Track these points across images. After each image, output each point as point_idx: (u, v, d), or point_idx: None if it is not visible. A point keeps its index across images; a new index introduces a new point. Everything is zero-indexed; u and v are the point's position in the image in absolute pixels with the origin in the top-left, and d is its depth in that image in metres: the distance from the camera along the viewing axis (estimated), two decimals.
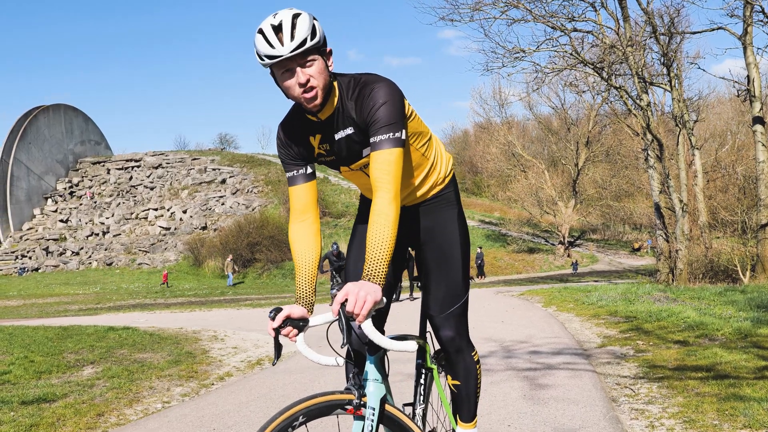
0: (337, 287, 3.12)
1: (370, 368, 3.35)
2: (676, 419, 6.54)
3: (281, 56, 3.29)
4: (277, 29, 3.29)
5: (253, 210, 68.86)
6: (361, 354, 3.45)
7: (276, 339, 3.29)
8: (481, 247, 56.58)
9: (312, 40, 3.31)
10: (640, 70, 27.82)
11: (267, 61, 3.31)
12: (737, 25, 26.97)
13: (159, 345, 13.65)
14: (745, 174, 39.27)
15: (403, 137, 3.40)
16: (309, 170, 3.71)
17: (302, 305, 3.41)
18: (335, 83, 3.55)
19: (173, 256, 65.92)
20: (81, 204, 79.31)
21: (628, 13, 27.91)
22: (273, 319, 3.24)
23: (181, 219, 73.19)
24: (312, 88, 3.38)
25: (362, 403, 3.24)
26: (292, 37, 3.27)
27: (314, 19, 3.37)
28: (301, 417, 3.14)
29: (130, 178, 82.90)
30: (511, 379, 8.90)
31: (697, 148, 31.09)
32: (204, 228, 69.19)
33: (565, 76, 38.44)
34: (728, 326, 11.89)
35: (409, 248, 4.22)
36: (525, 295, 25.48)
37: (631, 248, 73.67)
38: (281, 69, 3.37)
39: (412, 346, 3.17)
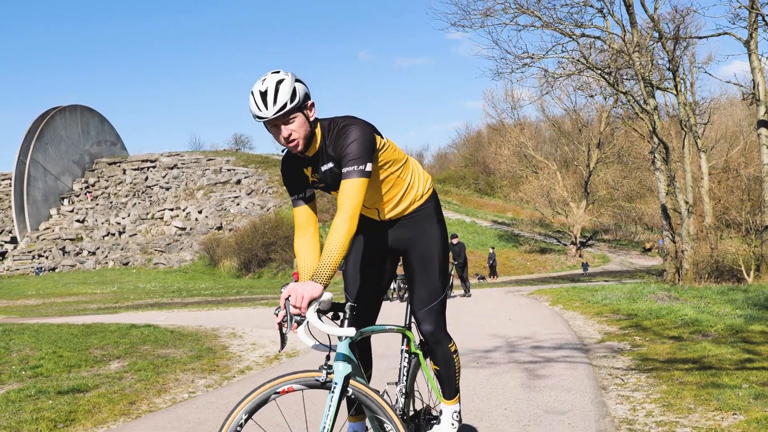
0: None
1: (340, 351, 4.04)
2: (656, 404, 7.21)
3: (266, 118, 4.09)
4: (264, 95, 4.07)
5: (267, 210, 69.38)
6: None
7: (280, 331, 3.99)
8: (493, 247, 56.92)
9: (292, 102, 4.08)
10: (647, 74, 28.33)
11: (257, 120, 4.14)
12: (744, 31, 27.40)
13: (180, 341, 14.13)
14: (749, 176, 39.58)
15: (368, 169, 4.17)
16: (308, 194, 4.51)
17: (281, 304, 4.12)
18: (318, 126, 4.33)
19: (189, 256, 66.55)
20: (97, 204, 80.00)
21: (635, 19, 28.40)
22: (277, 314, 3.97)
23: (196, 219, 73.79)
24: (294, 139, 4.20)
25: (328, 379, 3.93)
26: (275, 102, 4.05)
27: (296, 81, 4.15)
28: (244, 415, 3.88)
29: (146, 178, 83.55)
30: (512, 370, 9.56)
31: (703, 151, 31.51)
32: (219, 228, 69.79)
33: (575, 79, 38.88)
34: (722, 323, 12.47)
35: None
36: (534, 294, 26.06)
37: (642, 248, 73.91)
38: (269, 125, 4.19)
39: (350, 332, 3.92)
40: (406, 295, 25.71)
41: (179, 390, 9.45)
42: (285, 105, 4.07)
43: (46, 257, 72.06)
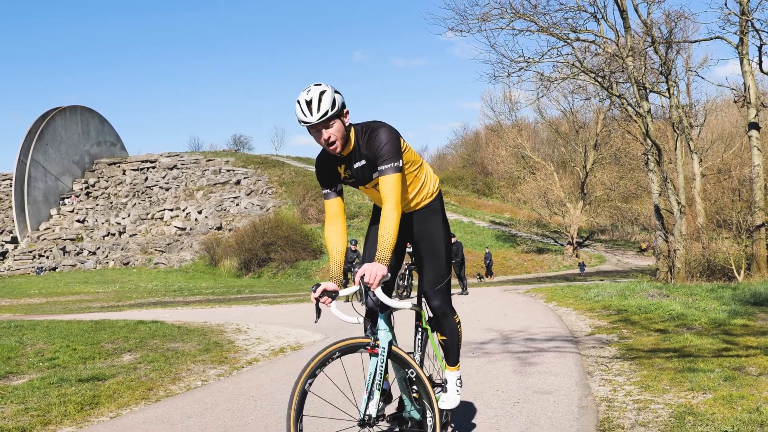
0: (357, 267, 4.78)
1: (380, 322, 4.99)
2: (635, 386, 7.90)
3: (311, 123, 4.89)
4: (309, 104, 4.87)
5: (267, 211, 69.80)
6: (375, 312, 5.08)
7: (317, 305, 4.89)
8: (488, 248, 57.24)
9: (332, 110, 4.89)
10: (640, 77, 28.89)
11: (302, 125, 4.94)
12: (735, 36, 27.98)
13: (188, 336, 14.62)
14: (740, 176, 40.08)
15: (401, 165, 5.03)
16: (338, 188, 5.34)
17: (334, 282, 4.98)
18: (352, 130, 5.15)
19: (189, 255, 66.93)
20: (97, 204, 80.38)
21: (629, 23, 28.96)
22: (315, 291, 4.86)
23: (196, 219, 74.14)
24: (333, 141, 5.01)
25: (376, 344, 4.89)
26: (318, 109, 4.86)
27: (336, 92, 4.95)
28: (337, 352, 4.79)
29: (146, 179, 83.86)
30: (506, 359, 10.21)
31: (695, 153, 32.11)
32: (219, 228, 70.18)
33: (572, 82, 39.35)
34: (706, 317, 13.12)
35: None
36: (530, 292, 26.64)
37: (638, 249, 74.21)
38: (312, 129, 4.98)
39: (408, 304, 4.96)
40: (404, 293, 26.38)
41: (192, 378, 10.02)
42: (327, 112, 4.86)
43: (47, 257, 72.40)
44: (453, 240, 29.54)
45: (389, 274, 4.80)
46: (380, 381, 4.85)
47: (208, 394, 8.76)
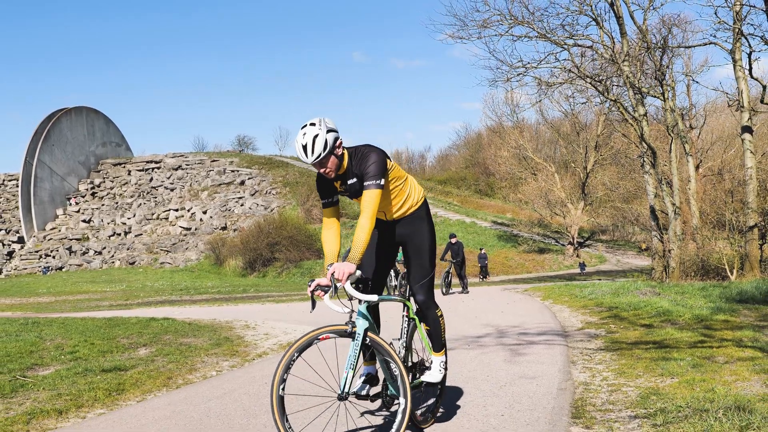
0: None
1: (359, 311, 5.86)
2: (612, 372, 8.75)
3: (308, 163, 5.87)
4: (305, 148, 5.77)
5: (271, 211, 70.37)
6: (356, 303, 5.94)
7: (312, 297, 5.83)
8: (482, 248, 56.98)
9: (324, 152, 5.79)
10: (636, 82, 29.59)
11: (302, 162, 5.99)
12: (728, 42, 28.65)
13: (199, 332, 15.26)
14: (738, 178, 40.69)
15: (382, 183, 5.92)
16: (334, 199, 6.29)
17: (327, 278, 5.85)
18: (346, 153, 6.05)
19: (194, 255, 67.56)
20: (103, 204, 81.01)
21: (625, 29, 29.65)
22: (310, 285, 5.82)
23: (201, 219, 74.74)
24: (327, 173, 5.97)
25: (354, 330, 5.77)
26: (313, 152, 5.79)
27: (328, 131, 5.82)
28: (296, 353, 5.73)
29: (151, 179, 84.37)
30: (498, 350, 11.00)
31: (690, 155, 32.81)
32: (224, 228, 70.79)
33: (571, 85, 39.94)
34: (690, 313, 13.89)
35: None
36: (528, 291, 27.33)
37: (638, 249, 74.62)
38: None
39: (375, 298, 5.88)
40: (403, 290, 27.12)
41: (207, 369, 10.77)
42: (320, 155, 5.79)
43: (53, 257, 72.96)
44: (455, 240, 30.28)
45: (357, 272, 5.75)
46: (354, 362, 5.70)
47: (224, 381, 9.54)
